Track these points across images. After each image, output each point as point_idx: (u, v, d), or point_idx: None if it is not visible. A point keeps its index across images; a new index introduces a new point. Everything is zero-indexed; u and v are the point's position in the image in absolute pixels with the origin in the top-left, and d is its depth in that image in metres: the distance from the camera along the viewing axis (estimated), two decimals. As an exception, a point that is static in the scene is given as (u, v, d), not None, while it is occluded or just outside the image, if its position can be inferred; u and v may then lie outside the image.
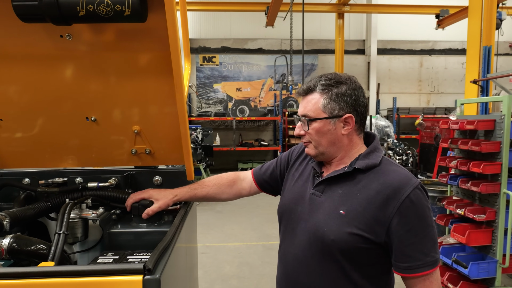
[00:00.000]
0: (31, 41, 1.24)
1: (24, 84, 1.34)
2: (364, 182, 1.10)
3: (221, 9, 10.16)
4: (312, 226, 1.13)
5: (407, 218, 1.03)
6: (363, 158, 1.13)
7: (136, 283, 0.80)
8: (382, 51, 12.00)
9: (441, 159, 3.59)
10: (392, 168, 1.12)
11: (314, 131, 1.15)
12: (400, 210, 1.03)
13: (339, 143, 1.16)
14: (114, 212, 1.40)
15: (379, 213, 1.04)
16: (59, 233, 1.06)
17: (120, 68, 1.32)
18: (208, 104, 11.69)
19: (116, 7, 1.07)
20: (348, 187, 1.11)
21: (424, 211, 1.05)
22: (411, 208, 1.03)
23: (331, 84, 1.13)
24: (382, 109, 11.88)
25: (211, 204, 7.34)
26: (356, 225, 1.05)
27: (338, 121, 1.13)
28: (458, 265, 3.18)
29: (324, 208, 1.12)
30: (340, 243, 1.06)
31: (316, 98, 1.14)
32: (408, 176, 1.08)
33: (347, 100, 1.12)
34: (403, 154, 8.39)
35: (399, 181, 1.06)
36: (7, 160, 1.54)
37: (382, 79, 12.05)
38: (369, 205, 1.05)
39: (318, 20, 11.81)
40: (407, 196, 1.03)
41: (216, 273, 4.16)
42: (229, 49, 11.70)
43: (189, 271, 1.39)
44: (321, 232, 1.09)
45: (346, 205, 1.09)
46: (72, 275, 0.77)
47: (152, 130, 1.48)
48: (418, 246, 1.03)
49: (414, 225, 1.03)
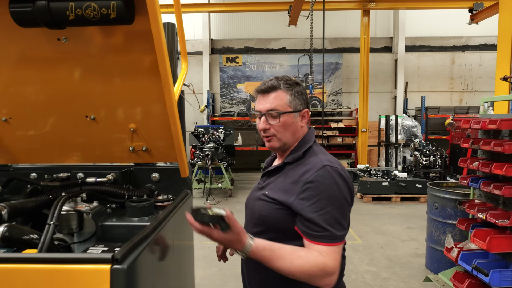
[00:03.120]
0: (32, 45, 1.33)
1: (28, 85, 1.43)
2: (287, 170, 1.29)
3: (244, 9, 10.23)
4: (252, 208, 1.34)
5: (312, 191, 1.15)
6: (293, 152, 1.31)
7: (103, 271, 0.84)
8: (411, 48, 11.63)
9: (462, 160, 3.44)
10: (311, 157, 1.27)
11: (281, 124, 1.29)
12: (307, 182, 1.17)
13: (297, 134, 1.33)
14: (110, 206, 1.46)
15: (291, 188, 1.21)
16: (49, 224, 1.12)
17: (114, 69, 1.39)
18: (231, 104, 11.81)
19: (102, 10, 1.13)
20: (279, 176, 1.31)
21: (329, 186, 1.16)
22: (316, 181, 1.16)
23: (292, 84, 1.30)
24: (410, 109, 11.53)
25: (230, 203, 7.43)
26: (274, 199, 1.24)
27: (298, 115, 1.31)
28: (478, 272, 3.04)
29: (260, 191, 1.33)
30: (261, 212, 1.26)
31: (282, 94, 1.29)
32: (321, 160, 1.23)
33: (304, 98, 1.32)
34: (431, 156, 8.09)
35: (312, 164, 1.23)
36: (16, 156, 1.65)
37: (410, 77, 11.68)
38: (284, 184, 1.24)
39: (343, 18, 11.63)
40: (315, 171, 1.18)
41: (230, 271, 4.21)
42: (252, 49, 11.77)
43: (177, 267, 1.43)
44: (254, 209, 1.31)
45: (271, 188, 1.29)
46: (42, 262, 0.82)
47: (147, 128, 1.54)
48: (319, 217, 1.13)
49: (318, 197, 1.14)
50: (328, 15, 10.23)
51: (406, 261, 4.43)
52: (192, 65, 11.82)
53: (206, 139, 8.25)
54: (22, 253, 0.95)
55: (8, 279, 0.81)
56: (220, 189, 8.06)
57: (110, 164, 1.74)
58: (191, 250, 1.75)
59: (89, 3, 1.12)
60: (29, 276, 0.82)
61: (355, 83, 11.53)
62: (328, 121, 11.01)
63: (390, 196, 7.21)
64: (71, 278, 0.83)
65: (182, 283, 1.52)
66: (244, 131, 11.64)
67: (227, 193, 8.09)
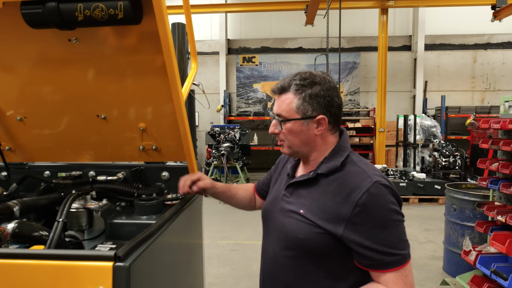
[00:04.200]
0: (44, 46, 1.36)
1: (41, 85, 1.47)
2: (324, 184, 1.13)
3: (260, 9, 10.22)
4: (279, 224, 1.18)
5: (366, 214, 1.02)
6: (327, 161, 1.15)
7: (106, 269, 0.85)
8: (430, 47, 11.35)
9: (481, 161, 3.33)
10: (352, 168, 1.11)
11: (287, 131, 1.16)
12: (359, 204, 1.02)
13: (312, 143, 1.17)
14: (119, 204, 1.48)
15: (337, 211, 1.05)
16: (58, 221, 1.15)
17: (124, 69, 1.41)
18: (248, 104, 11.82)
19: (109, 11, 1.15)
20: (312, 190, 1.15)
21: (385, 205, 1.03)
22: (369, 203, 1.02)
23: (305, 85, 1.13)
24: (429, 108, 11.25)
25: (246, 202, 7.43)
26: (313, 222, 1.08)
27: (311, 122, 1.13)
28: (497, 277, 2.94)
29: (290, 208, 1.17)
30: (296, 234, 1.11)
31: (289, 98, 1.14)
32: (367, 174, 1.08)
33: (320, 101, 1.12)
34: (450, 156, 7.88)
35: (358, 179, 1.07)
36: (31, 154, 1.70)
37: (429, 76, 11.41)
38: (326, 205, 1.08)
39: (361, 16, 11.46)
40: (366, 191, 1.03)
41: (244, 270, 4.22)
42: (268, 49, 11.75)
43: (185, 265, 1.44)
44: (286, 230, 1.15)
45: (306, 205, 1.13)
46: (45, 258, 0.84)
47: (157, 127, 1.55)
48: (381, 242, 1.01)
49: (375, 221, 1.02)
50: (346, 14, 10.10)
51: (423, 263, 4.33)
52: (209, 65, 11.91)
53: (222, 139, 8.30)
54: (26, 249, 0.97)
55: (11, 274, 0.83)
56: (235, 188, 8.07)
57: (121, 162, 1.76)
58: (200, 248, 1.76)
59: (97, 4, 1.14)
60: (32, 272, 0.84)
61: (373, 82, 11.33)
62: (345, 121, 10.87)
63: (407, 197, 7.08)
64: (73, 275, 0.85)
65: (190, 281, 1.53)
66: (260, 130, 11.64)
67: (242, 193, 8.09)
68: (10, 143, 1.67)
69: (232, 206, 1.59)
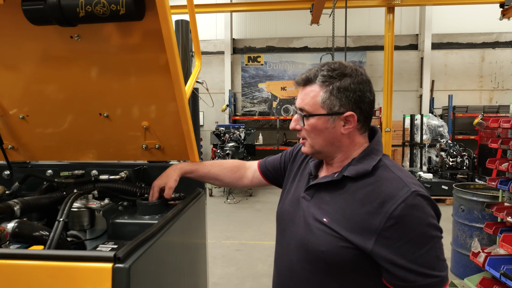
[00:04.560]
0: (46, 43, 1.34)
1: (42, 83, 1.46)
2: (352, 190, 0.99)
3: (266, 8, 10.16)
4: (298, 231, 1.07)
5: (401, 228, 0.89)
6: (356, 163, 1.02)
7: (105, 270, 0.83)
8: (438, 46, 11.23)
9: (490, 161, 3.27)
10: (386, 174, 0.98)
11: (310, 127, 1.04)
12: (393, 216, 0.90)
13: (338, 143, 1.05)
14: (122, 203, 1.46)
15: (367, 222, 0.93)
16: (59, 220, 1.13)
17: (126, 66, 1.38)
18: (253, 103, 11.79)
19: (111, 6, 1.12)
20: (336, 194, 1.02)
21: (424, 219, 0.90)
22: (406, 215, 0.89)
23: (334, 76, 1.00)
24: (436, 108, 11.14)
25: (250, 202, 7.41)
26: (338, 233, 0.96)
27: (337, 119, 1.01)
28: (507, 279, 2.88)
29: (310, 213, 1.05)
30: (318, 246, 0.99)
31: (315, 91, 1.02)
32: (404, 182, 0.95)
33: (349, 96, 0.99)
34: (458, 156, 7.78)
35: (392, 187, 0.94)
36: (34, 153, 1.68)
37: (437, 75, 11.29)
38: (354, 214, 0.95)
39: (367, 15, 11.38)
40: (403, 201, 0.90)
41: (248, 270, 4.19)
42: (274, 48, 11.71)
43: (187, 266, 1.41)
44: (306, 240, 1.03)
45: (330, 213, 1.00)
46: (43, 259, 0.82)
47: (160, 126, 1.53)
48: (416, 262, 0.89)
49: (411, 237, 0.89)
50: (352, 12, 10.03)
51: (430, 265, 4.27)
52: (214, 64, 11.90)
53: (227, 138, 8.28)
54: (23, 249, 0.95)
55: (8, 275, 0.81)
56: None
57: (124, 161, 1.74)
58: (203, 248, 1.73)
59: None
60: (30, 273, 0.82)
61: (379, 81, 11.23)
62: (350, 121, 10.78)
63: (414, 198, 6.99)
64: (72, 276, 0.83)
65: (194, 282, 1.51)
66: (265, 130, 11.61)
67: (248, 192, 8.08)
68: (13, 142, 1.66)
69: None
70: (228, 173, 1.47)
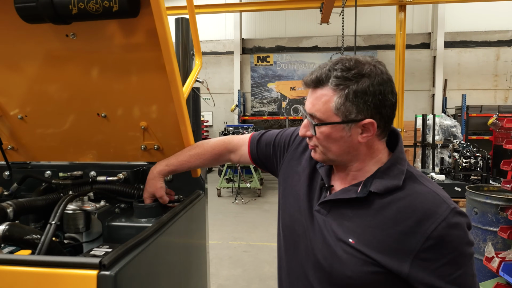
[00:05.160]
0: (42, 42, 1.32)
1: (40, 83, 1.43)
2: (380, 205, 0.89)
3: (275, 8, 10.13)
4: (317, 250, 0.96)
5: (441, 249, 0.82)
6: (381, 176, 0.91)
7: (90, 278, 0.79)
8: (451, 44, 11.02)
9: (505, 162, 3.16)
10: (417, 188, 0.89)
11: (323, 136, 0.92)
12: (433, 237, 0.82)
13: (355, 152, 0.94)
14: (119, 205, 1.43)
15: (401, 242, 0.84)
16: (51, 223, 1.10)
17: (123, 65, 1.35)
18: (262, 103, 11.75)
19: (104, 3, 1.09)
20: (360, 209, 0.91)
21: (463, 239, 0.84)
22: (447, 236, 0.82)
23: (349, 78, 0.86)
24: (449, 108, 10.94)
25: (258, 203, 7.36)
26: (368, 256, 0.86)
27: (354, 127, 0.89)
28: (522, 285, 2.78)
29: (330, 231, 0.94)
30: (343, 270, 0.89)
31: (327, 95, 0.89)
32: (440, 198, 0.87)
33: (368, 101, 0.86)
34: (471, 157, 7.58)
35: (428, 203, 0.85)
36: (34, 154, 1.67)
37: (450, 74, 11.08)
38: (385, 234, 0.86)
39: (378, 14, 11.23)
40: (443, 220, 0.82)
41: (255, 272, 4.14)
42: (283, 48, 11.65)
43: (184, 271, 1.37)
44: (329, 263, 0.92)
45: (356, 232, 0.89)
46: (25, 265, 0.78)
47: (159, 126, 1.49)
48: (455, 282, 0.83)
49: (451, 257, 0.82)
50: (362, 11, 9.90)
51: (442, 270, 4.16)
52: (224, 64, 11.90)
53: (235, 139, 8.25)
54: (6, 254, 0.92)
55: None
56: (249, 188, 8.03)
57: (124, 162, 1.71)
58: (203, 251, 1.69)
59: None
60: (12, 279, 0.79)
61: (390, 81, 11.09)
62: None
63: (426, 200, 6.85)
64: (56, 283, 0.79)
65: (192, 285, 1.47)
66: (274, 130, 11.55)
67: (256, 193, 8.04)
68: (13, 142, 1.64)
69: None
70: (210, 163, 1.39)
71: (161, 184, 1.35)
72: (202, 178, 1.65)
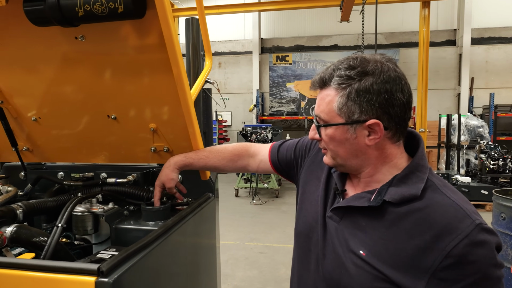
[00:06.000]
0: (53, 45, 1.33)
1: (52, 85, 1.45)
2: (395, 216, 0.82)
3: (294, 7, 10.02)
4: (327, 260, 0.92)
5: (462, 269, 0.74)
6: (398, 184, 0.85)
7: (88, 284, 0.78)
8: (478, 41, 10.60)
9: (535, 165, 2.98)
10: (438, 198, 0.81)
11: (328, 138, 0.90)
12: (452, 255, 0.74)
13: (363, 156, 0.88)
14: (127, 208, 1.43)
15: (416, 258, 0.77)
16: (57, 226, 1.10)
17: (131, 67, 1.34)
18: (281, 103, 11.68)
19: (109, 5, 1.08)
20: (374, 219, 0.85)
21: (490, 260, 0.74)
22: (470, 255, 0.73)
23: (352, 76, 0.83)
24: (476, 107, 10.53)
25: (276, 203, 7.31)
26: (378, 271, 0.80)
27: (359, 128, 0.85)
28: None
29: (341, 241, 0.89)
30: (351, 284, 0.84)
31: (330, 95, 0.87)
32: (464, 211, 0.78)
33: (372, 100, 0.82)
34: (499, 159, 7.26)
35: (449, 217, 0.77)
36: (48, 155, 1.69)
37: (476, 72, 10.66)
38: (399, 247, 0.79)
39: (400, 11, 10.94)
40: (465, 237, 0.74)
41: (271, 274, 4.10)
42: (302, 47, 11.54)
43: (192, 274, 1.35)
44: (337, 275, 0.88)
45: (368, 244, 0.84)
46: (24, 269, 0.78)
47: (168, 128, 1.48)
48: None
49: (473, 280, 0.74)
50: (384, 8, 9.68)
51: (466, 276, 3.99)
52: (242, 64, 11.91)
53: (253, 139, 8.23)
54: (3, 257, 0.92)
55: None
56: (266, 189, 7.99)
57: (134, 164, 1.71)
58: (213, 254, 1.66)
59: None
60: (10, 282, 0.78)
61: (413, 80, 10.77)
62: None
63: (450, 203, 6.61)
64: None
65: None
66: (293, 130, 11.46)
67: (274, 194, 7.99)
68: (28, 144, 1.67)
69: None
70: (228, 163, 1.35)
71: (173, 176, 1.34)
72: (212, 181, 1.63)
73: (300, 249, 1.06)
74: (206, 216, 1.53)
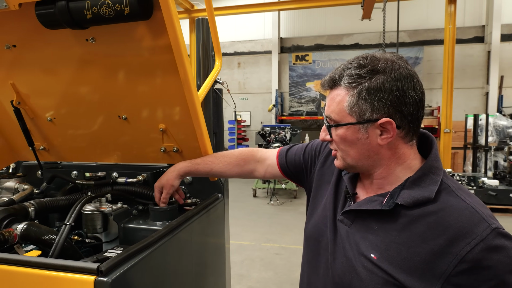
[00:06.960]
0: (64, 47, 1.36)
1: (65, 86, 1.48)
2: (408, 219, 0.80)
3: (315, 5, 9.90)
4: (337, 264, 0.90)
5: (477, 275, 0.71)
6: (411, 186, 0.83)
7: (87, 283, 0.79)
8: (508, 37, 10.17)
9: None
10: (452, 201, 0.79)
11: (339, 139, 0.88)
12: (467, 260, 0.72)
13: (375, 156, 0.87)
14: (137, 207, 1.45)
15: (429, 263, 0.75)
16: (66, 224, 1.13)
17: (140, 68, 1.36)
18: (300, 103, 11.60)
19: (116, 6, 1.09)
20: (386, 222, 0.84)
21: (507, 265, 0.72)
22: (486, 260, 0.71)
23: (362, 75, 0.83)
24: (505, 107, 10.09)
25: (294, 204, 7.26)
26: (390, 275, 0.78)
27: (371, 127, 0.84)
28: None
29: (353, 244, 0.87)
30: None
31: (340, 95, 0.86)
32: (479, 215, 0.76)
33: (384, 98, 0.81)
34: (530, 161, 6.92)
35: (464, 220, 0.75)
36: (63, 154, 1.74)
37: (506, 70, 10.22)
38: (412, 251, 0.77)
39: (425, 7, 10.63)
40: (481, 241, 0.72)
41: (286, 276, 4.07)
42: (322, 46, 11.41)
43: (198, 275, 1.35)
44: (347, 279, 0.86)
45: (380, 247, 0.82)
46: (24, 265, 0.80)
47: (177, 128, 1.49)
48: None
49: (488, 285, 0.71)
50: (408, 5, 9.43)
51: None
52: (262, 64, 11.90)
53: (272, 139, 8.21)
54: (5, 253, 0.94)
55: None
56: (284, 189, 7.95)
57: (146, 164, 1.74)
58: (221, 254, 1.66)
59: (103, 0, 1.10)
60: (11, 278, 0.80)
61: (438, 78, 10.45)
62: (404, 121, 10.16)
63: (476, 206, 6.36)
64: (54, 285, 0.80)
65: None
66: (312, 130, 11.36)
67: (292, 194, 7.94)
68: (44, 143, 1.72)
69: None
70: (233, 168, 1.33)
71: (174, 182, 1.35)
72: (221, 182, 1.63)
73: (310, 253, 1.05)
74: (214, 217, 1.53)
